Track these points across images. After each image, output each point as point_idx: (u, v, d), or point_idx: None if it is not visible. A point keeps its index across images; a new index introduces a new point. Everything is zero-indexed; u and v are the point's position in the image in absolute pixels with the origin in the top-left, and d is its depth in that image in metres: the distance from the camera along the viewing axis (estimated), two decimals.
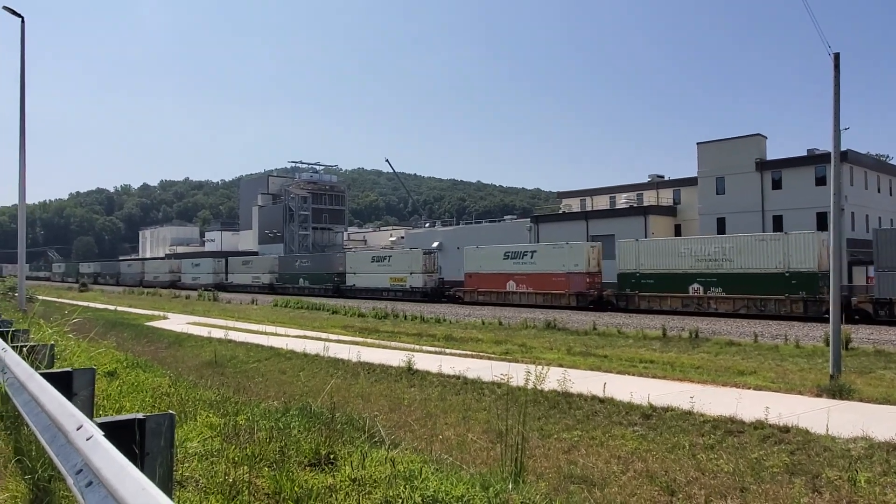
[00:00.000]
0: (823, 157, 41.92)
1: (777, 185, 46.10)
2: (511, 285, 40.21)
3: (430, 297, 45.59)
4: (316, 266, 59.34)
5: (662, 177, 62.24)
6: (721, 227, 46.85)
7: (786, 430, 8.88)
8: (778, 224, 44.65)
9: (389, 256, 51.58)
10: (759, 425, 9.11)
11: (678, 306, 31.74)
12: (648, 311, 32.18)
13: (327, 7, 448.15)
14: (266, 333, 23.25)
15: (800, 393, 11.98)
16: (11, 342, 7.22)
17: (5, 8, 24.52)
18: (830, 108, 13.56)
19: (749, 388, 12.31)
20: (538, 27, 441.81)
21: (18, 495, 4.28)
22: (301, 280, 59.97)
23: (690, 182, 53.55)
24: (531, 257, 39.59)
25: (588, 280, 36.89)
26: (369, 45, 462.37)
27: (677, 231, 53.64)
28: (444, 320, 30.26)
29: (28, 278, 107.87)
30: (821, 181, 42.70)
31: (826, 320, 19.18)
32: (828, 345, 15.37)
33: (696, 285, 31.28)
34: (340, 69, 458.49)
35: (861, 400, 11.25)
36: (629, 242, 35.23)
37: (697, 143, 50.31)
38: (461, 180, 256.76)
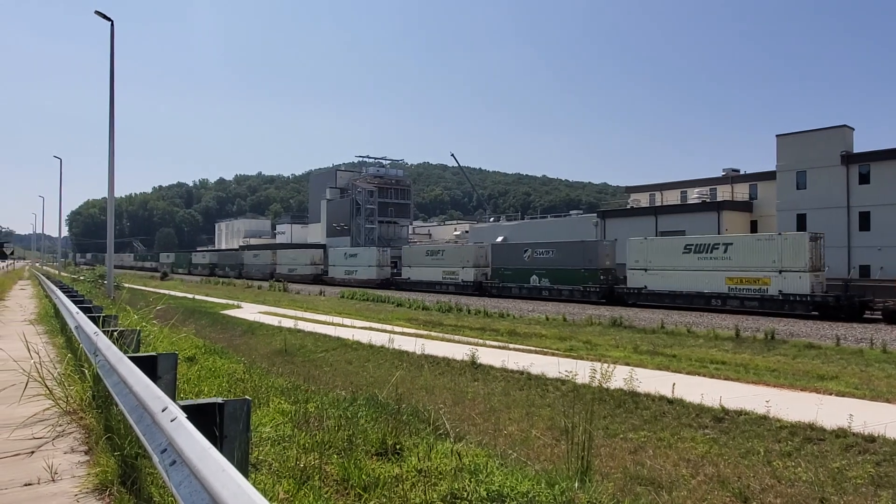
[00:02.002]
0: None
1: (864, 179, 43.32)
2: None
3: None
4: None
5: (738, 170, 59.61)
6: (801, 223, 44.51)
7: (871, 439, 8.38)
8: (865, 220, 42.03)
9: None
10: (841, 433, 8.63)
11: None
12: None
13: (394, 3, 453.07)
14: (333, 324, 23.84)
15: (887, 401, 11.26)
16: (102, 327, 7.70)
17: (97, 12, 26.04)
18: None
19: (830, 394, 11.67)
20: (609, 16, 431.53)
21: (108, 470, 4.57)
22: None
23: (768, 176, 51.05)
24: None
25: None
26: (436, 40, 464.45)
27: (753, 228, 51.32)
28: (508, 315, 30.15)
29: (129, 268, 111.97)
30: None
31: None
32: None
33: None
34: (407, 65, 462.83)
35: None
36: None
37: (777, 136, 47.90)
38: (526, 174, 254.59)
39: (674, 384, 11.33)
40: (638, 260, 36.13)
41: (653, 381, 11.95)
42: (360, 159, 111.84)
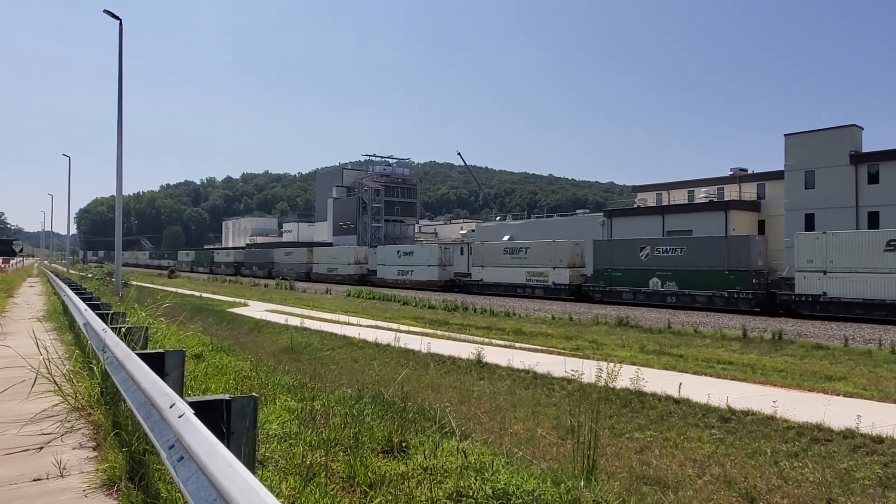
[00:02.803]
0: None
1: (874, 179, 43.04)
2: None
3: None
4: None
5: (745, 170, 59.32)
6: (810, 223, 44.26)
7: (879, 440, 8.33)
8: (874, 220, 41.75)
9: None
10: (849, 434, 8.59)
11: None
12: None
13: (401, 2, 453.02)
14: (339, 322, 23.89)
15: (895, 402, 11.20)
16: (110, 324, 7.75)
17: (105, 11, 26.18)
18: None
19: (838, 395, 11.61)
20: (616, 15, 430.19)
21: (116, 466, 4.60)
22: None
23: (776, 176, 50.78)
24: None
25: None
26: (442, 40, 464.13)
27: (760, 228, 51.07)
28: (514, 314, 30.13)
29: (145, 266, 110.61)
30: None
31: None
32: None
33: None
34: (414, 64, 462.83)
35: None
36: None
37: (785, 135, 47.63)
38: (533, 173, 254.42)
39: (680, 384, 11.30)
40: (812, 260, 29.03)
41: (659, 381, 11.92)
42: (367, 158, 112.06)
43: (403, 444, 5.53)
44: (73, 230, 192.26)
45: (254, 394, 4.11)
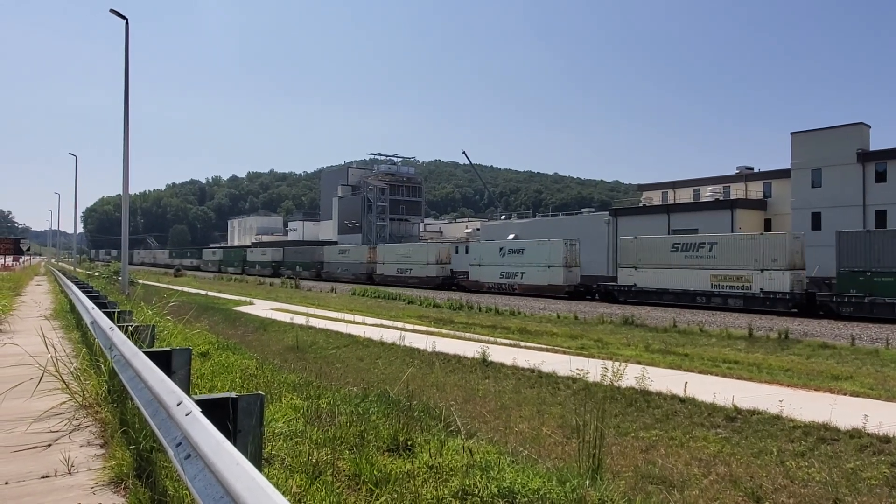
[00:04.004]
0: None
1: (881, 177, 42.80)
2: None
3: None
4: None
5: (752, 168, 59.08)
6: (816, 222, 44.07)
7: (886, 440, 8.29)
8: (881, 219, 41.52)
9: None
10: (855, 434, 8.55)
11: None
12: None
13: (407, 1, 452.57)
14: (344, 321, 23.92)
15: None
16: (117, 322, 7.79)
17: (112, 11, 26.25)
18: None
19: (845, 394, 11.56)
20: (622, 13, 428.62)
21: (124, 463, 4.62)
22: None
23: (783, 174, 50.57)
24: None
25: None
26: (448, 38, 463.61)
27: (767, 226, 50.86)
28: (519, 313, 30.10)
29: (164, 266, 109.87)
30: None
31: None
32: None
33: None
34: (420, 63, 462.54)
35: None
36: None
37: (792, 133, 47.44)
38: (538, 172, 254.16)
39: (686, 383, 11.27)
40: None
41: (664, 380, 11.89)
42: (372, 157, 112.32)
43: (409, 443, 5.54)
44: (80, 229, 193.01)
45: (260, 392, 4.13)
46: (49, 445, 5.30)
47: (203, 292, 42.20)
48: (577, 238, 43.73)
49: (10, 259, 67.66)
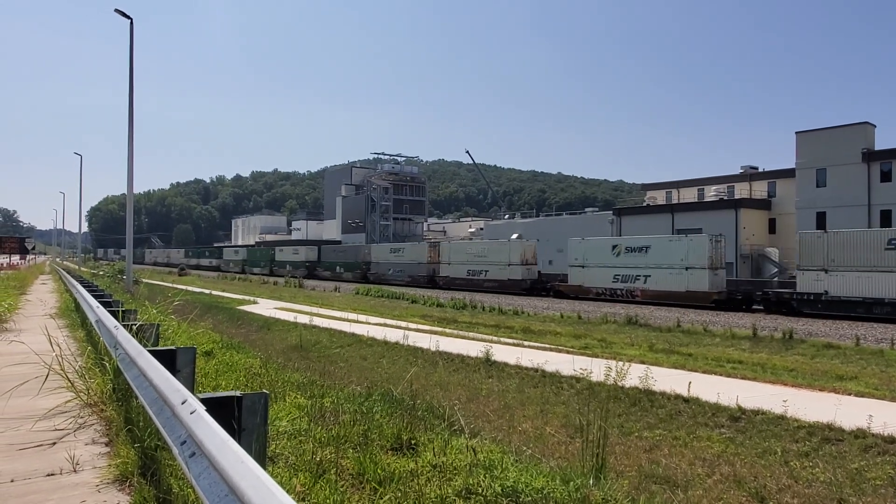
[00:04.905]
0: None
1: (886, 177, 42.69)
2: None
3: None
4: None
5: (756, 168, 58.94)
6: (821, 221, 43.94)
7: (891, 440, 8.27)
8: (886, 219, 41.39)
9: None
10: (860, 434, 8.52)
11: None
12: None
13: (410, 1, 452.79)
14: (348, 320, 23.93)
15: None
16: (122, 321, 7.81)
17: (116, 10, 26.34)
18: None
19: (849, 394, 11.51)
20: (625, 12, 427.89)
21: (129, 461, 4.64)
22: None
23: (787, 174, 50.46)
24: None
25: None
26: (451, 37, 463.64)
27: (771, 226, 50.73)
28: (523, 313, 30.09)
29: (199, 267, 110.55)
30: None
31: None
32: None
33: None
34: (423, 62, 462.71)
35: None
36: None
37: (796, 133, 47.34)
38: (541, 172, 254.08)
39: (690, 383, 11.24)
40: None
41: (668, 380, 11.87)
42: (376, 156, 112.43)
43: (413, 442, 5.55)
44: (85, 228, 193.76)
45: (264, 391, 4.14)
46: (54, 443, 5.33)
47: (207, 291, 42.25)
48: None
49: (15, 258, 67.92)
